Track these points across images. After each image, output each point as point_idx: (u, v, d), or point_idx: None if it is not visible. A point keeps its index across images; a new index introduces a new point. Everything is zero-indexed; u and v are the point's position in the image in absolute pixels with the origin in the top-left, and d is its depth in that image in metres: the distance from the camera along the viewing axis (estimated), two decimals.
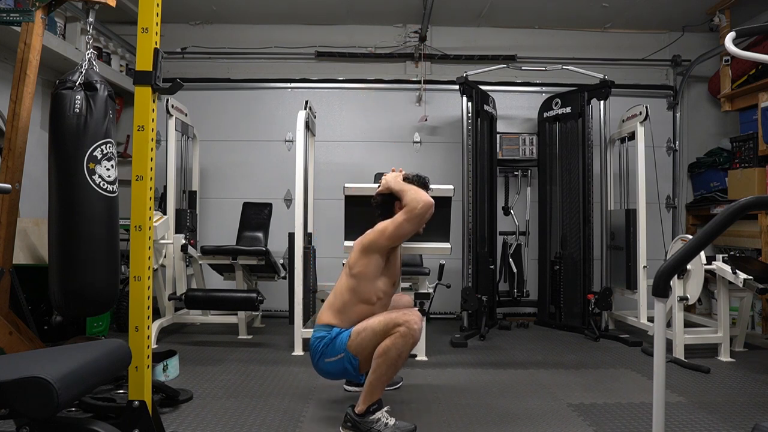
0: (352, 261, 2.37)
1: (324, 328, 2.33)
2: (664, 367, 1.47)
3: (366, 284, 2.33)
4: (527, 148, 4.87)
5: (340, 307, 2.34)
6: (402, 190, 2.41)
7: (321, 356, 2.29)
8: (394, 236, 2.33)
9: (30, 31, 2.48)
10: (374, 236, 2.34)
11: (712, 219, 1.45)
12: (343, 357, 2.25)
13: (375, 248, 2.33)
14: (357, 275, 2.33)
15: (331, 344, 2.27)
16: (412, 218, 2.32)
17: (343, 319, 2.32)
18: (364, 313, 2.32)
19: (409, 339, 2.17)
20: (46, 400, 1.25)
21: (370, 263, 2.33)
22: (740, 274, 3.29)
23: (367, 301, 2.33)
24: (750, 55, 1.77)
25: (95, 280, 2.15)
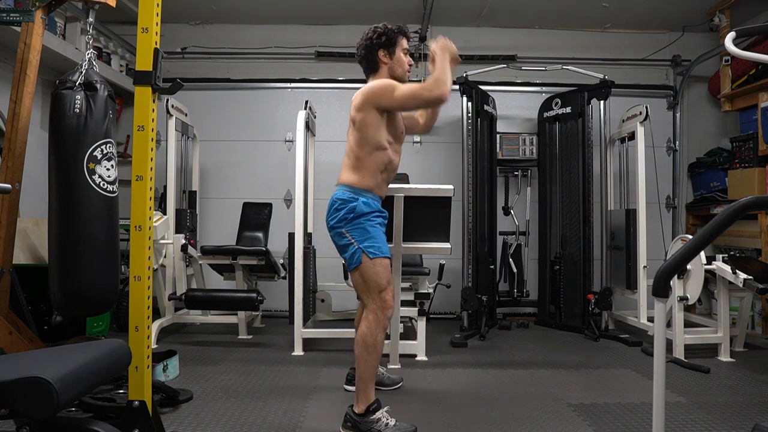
0: (353, 114, 2.35)
1: (347, 189, 2.32)
2: (664, 367, 1.47)
3: (372, 131, 2.30)
4: (527, 148, 4.87)
5: (354, 163, 2.34)
6: (443, 67, 2.29)
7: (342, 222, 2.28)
8: (398, 102, 2.29)
9: (30, 31, 2.48)
10: (379, 91, 2.29)
11: (712, 219, 1.45)
12: (357, 249, 2.25)
13: (374, 103, 2.29)
14: (360, 126, 2.31)
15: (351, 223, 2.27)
16: (424, 97, 2.27)
17: (363, 174, 2.32)
18: (379, 159, 2.32)
19: (380, 323, 2.25)
20: (46, 400, 1.24)
21: (369, 115, 2.30)
22: (740, 274, 3.29)
23: (378, 146, 2.32)
24: (750, 55, 1.77)
25: (95, 280, 2.15)
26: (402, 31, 2.47)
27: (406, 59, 2.47)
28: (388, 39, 2.42)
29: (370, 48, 2.43)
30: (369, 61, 2.45)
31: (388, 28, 2.44)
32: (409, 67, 2.49)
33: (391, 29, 2.44)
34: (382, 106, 2.30)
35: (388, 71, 2.43)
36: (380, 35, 2.42)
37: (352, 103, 2.37)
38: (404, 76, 2.47)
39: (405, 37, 2.48)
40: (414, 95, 2.28)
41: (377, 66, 2.44)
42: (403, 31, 2.48)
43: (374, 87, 2.32)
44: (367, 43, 2.43)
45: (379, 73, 2.44)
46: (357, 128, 2.33)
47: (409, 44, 2.51)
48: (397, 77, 2.44)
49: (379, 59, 2.42)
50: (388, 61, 2.43)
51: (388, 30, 2.43)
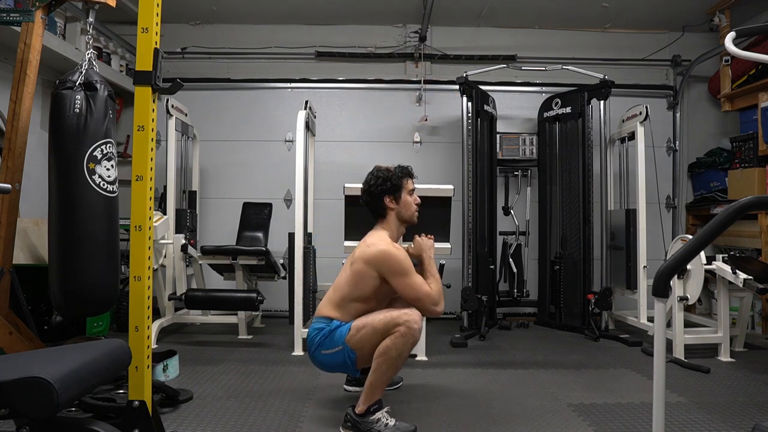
0: (358, 259, 2.34)
1: (323, 320, 2.33)
2: (664, 367, 1.47)
3: (365, 285, 2.31)
4: (527, 148, 4.87)
5: (338, 302, 2.34)
6: (432, 273, 2.38)
7: (318, 347, 2.28)
8: (399, 288, 2.29)
9: (30, 31, 2.48)
10: (391, 267, 2.28)
11: (712, 219, 1.45)
12: (341, 350, 2.24)
13: (380, 270, 2.29)
14: (357, 272, 2.32)
15: (330, 336, 2.27)
16: (426, 306, 2.29)
17: (343, 313, 2.32)
18: (363, 309, 2.32)
19: (409, 339, 2.17)
20: (46, 400, 1.25)
21: (371, 272, 2.30)
22: (740, 274, 3.29)
23: (366, 299, 2.33)
24: (750, 55, 1.77)
25: (95, 280, 2.15)
26: (406, 172, 2.46)
27: (413, 199, 2.46)
28: (392, 185, 2.41)
29: (375, 195, 2.42)
30: (375, 208, 2.44)
31: (391, 172, 2.43)
32: (417, 207, 2.47)
33: (394, 174, 2.42)
34: (384, 277, 2.29)
35: (396, 215, 2.43)
36: (384, 181, 2.40)
37: (361, 249, 2.35)
38: (412, 218, 2.47)
39: (410, 178, 2.47)
40: (418, 299, 2.28)
41: (384, 212, 2.43)
42: (407, 173, 2.47)
43: (389, 260, 2.28)
44: (371, 190, 2.42)
45: (388, 218, 2.44)
46: (353, 274, 2.33)
47: (413, 183, 2.49)
48: (405, 220, 2.45)
49: (385, 205, 2.41)
50: (395, 206, 2.42)
51: (392, 175, 2.42)
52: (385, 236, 2.39)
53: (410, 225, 2.49)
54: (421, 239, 2.52)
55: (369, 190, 2.43)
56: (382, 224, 2.45)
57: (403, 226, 2.48)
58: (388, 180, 2.41)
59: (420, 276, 2.35)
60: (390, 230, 2.43)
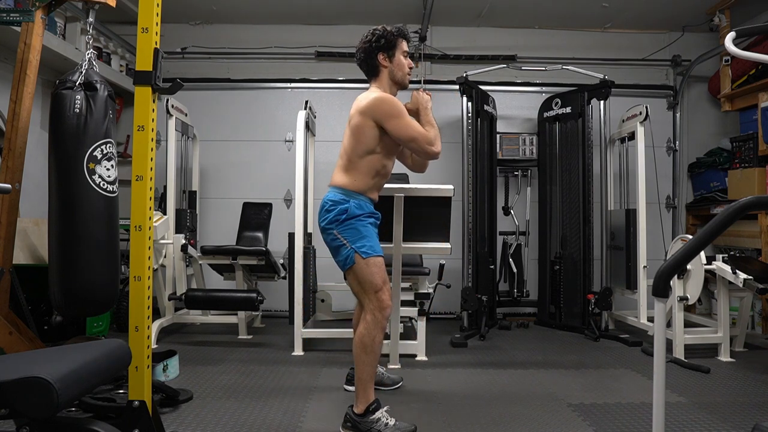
0: (353, 115, 2.34)
1: (339, 191, 2.32)
2: (664, 367, 1.47)
3: (367, 137, 2.30)
4: (527, 148, 4.87)
5: (347, 164, 2.34)
6: (429, 121, 2.38)
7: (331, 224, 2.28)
8: (394, 131, 2.28)
9: (30, 31, 2.48)
10: (384, 111, 2.28)
11: (712, 219, 1.45)
12: (349, 249, 2.25)
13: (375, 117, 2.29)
14: (356, 129, 2.31)
15: (343, 225, 2.26)
16: (422, 147, 2.31)
17: (355, 175, 2.32)
18: (371, 163, 2.32)
19: (378, 324, 2.25)
20: (46, 400, 1.24)
21: (368, 122, 2.29)
22: (740, 274, 3.29)
23: (371, 151, 2.32)
24: (750, 55, 1.77)
25: (95, 280, 2.15)
26: (401, 33, 2.45)
27: (407, 62, 2.46)
28: (387, 42, 2.40)
29: (369, 51, 2.41)
30: (369, 65, 2.43)
31: (387, 30, 2.42)
32: (410, 69, 2.47)
33: (390, 32, 2.42)
34: (380, 123, 2.29)
35: (389, 75, 2.42)
36: (379, 38, 2.40)
37: (355, 104, 2.36)
38: (404, 80, 2.46)
39: (405, 40, 2.46)
40: (413, 138, 2.29)
41: (377, 70, 2.42)
42: (403, 33, 2.46)
43: (382, 103, 2.30)
44: (366, 47, 2.41)
45: (380, 76, 2.43)
46: (352, 131, 2.33)
47: (409, 46, 2.49)
48: (397, 80, 2.44)
49: (378, 63, 2.41)
50: (388, 64, 2.42)
51: (387, 33, 2.41)
52: (377, 90, 2.39)
53: (402, 87, 2.47)
54: (418, 93, 2.50)
55: (364, 47, 2.42)
56: (375, 83, 2.44)
57: (395, 87, 2.46)
58: (383, 37, 2.40)
59: (414, 120, 2.35)
60: (382, 89, 2.42)
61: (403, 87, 2.47)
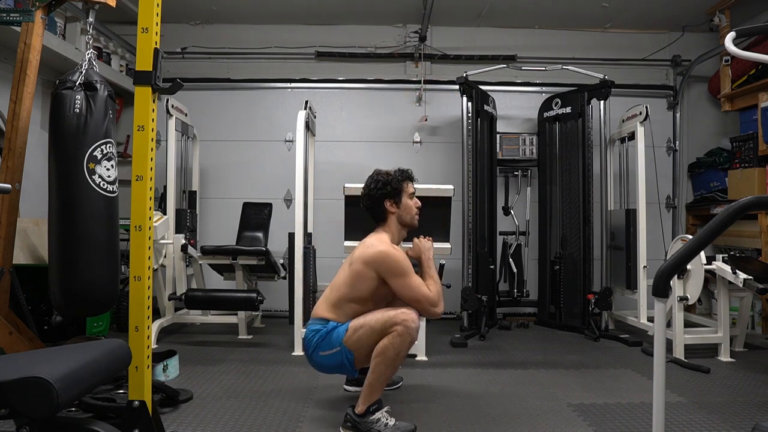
0: (356, 259, 2.33)
1: (319, 322, 2.33)
2: (664, 367, 1.47)
3: (362, 286, 2.31)
4: (527, 148, 4.87)
5: (335, 302, 2.34)
6: (432, 275, 2.38)
7: (315, 349, 2.29)
8: (397, 290, 2.29)
9: (30, 31, 2.48)
10: (390, 268, 2.27)
11: (712, 219, 1.45)
12: (338, 351, 2.24)
13: (379, 271, 2.28)
14: (355, 273, 2.31)
15: (327, 337, 2.27)
16: (424, 308, 2.29)
17: (339, 314, 2.32)
18: (359, 310, 2.31)
19: (406, 338, 2.17)
20: (46, 400, 1.25)
21: (369, 273, 2.29)
22: (740, 274, 3.29)
23: (363, 300, 2.32)
24: (750, 55, 1.77)
25: (95, 280, 2.15)
26: (406, 176, 2.45)
27: (413, 202, 2.46)
28: (393, 189, 2.39)
29: (375, 199, 2.41)
30: (376, 212, 2.43)
31: (391, 176, 2.41)
32: (418, 210, 2.47)
33: (394, 177, 2.41)
34: (383, 278, 2.29)
35: (397, 219, 2.43)
36: (384, 185, 2.39)
37: (361, 249, 2.34)
38: (413, 222, 2.46)
39: (410, 181, 2.46)
40: (417, 300, 2.27)
41: (385, 216, 2.42)
42: (408, 176, 2.46)
43: (388, 260, 2.27)
44: (371, 194, 2.41)
45: (388, 221, 2.43)
46: (352, 275, 2.32)
47: (413, 186, 2.48)
48: (405, 224, 2.45)
49: (386, 209, 2.41)
50: (395, 210, 2.41)
51: (392, 179, 2.41)
52: (386, 238, 2.39)
53: (411, 229, 2.49)
54: (419, 241, 2.52)
55: (369, 194, 2.42)
56: (383, 228, 2.45)
57: (404, 230, 2.48)
58: (388, 184, 2.40)
59: (419, 277, 2.35)
60: (391, 233, 2.43)
61: (412, 228, 2.48)
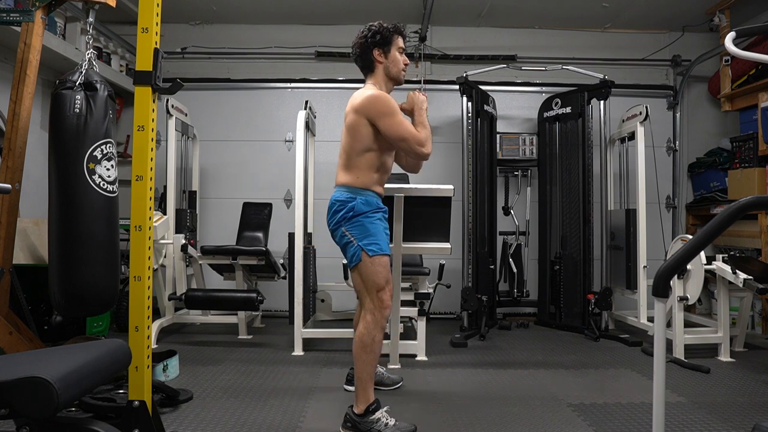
0: (348, 114, 2.34)
1: (343, 190, 2.33)
2: (664, 367, 1.47)
3: (362, 136, 2.30)
4: (527, 148, 4.87)
5: (347, 162, 2.35)
6: (422, 122, 2.37)
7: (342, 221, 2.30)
8: (385, 130, 2.27)
9: (30, 31, 2.47)
10: (378, 109, 2.26)
11: (712, 219, 1.45)
12: (357, 246, 2.26)
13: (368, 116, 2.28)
14: (351, 128, 2.32)
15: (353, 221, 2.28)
16: (412, 148, 2.29)
17: (356, 173, 2.32)
18: (371, 160, 2.32)
19: (378, 323, 2.26)
20: (46, 400, 1.24)
21: (362, 121, 2.29)
22: (740, 274, 3.29)
23: (368, 148, 2.32)
24: (750, 55, 1.77)
25: (95, 280, 2.15)
26: (397, 29, 2.45)
27: (402, 58, 2.45)
28: (382, 37, 2.40)
29: (364, 47, 2.41)
30: (364, 60, 2.43)
31: (383, 26, 2.42)
32: (405, 66, 2.47)
33: (386, 27, 2.42)
34: (372, 121, 2.29)
35: (384, 70, 2.42)
36: (375, 33, 2.40)
37: (350, 102, 2.36)
38: (399, 76, 2.45)
39: (401, 36, 2.46)
40: (403, 138, 2.28)
41: (373, 65, 2.42)
42: (399, 30, 2.46)
43: (375, 101, 2.29)
44: (361, 42, 2.42)
45: (375, 72, 2.43)
46: (348, 129, 2.34)
47: (405, 42, 2.49)
48: (392, 76, 2.44)
49: (374, 58, 2.41)
50: (383, 60, 2.41)
51: (383, 28, 2.41)
52: (372, 88, 2.39)
53: (397, 83, 2.47)
54: (414, 94, 2.50)
55: (359, 42, 2.43)
56: (371, 79, 2.43)
57: (391, 83, 2.46)
58: (379, 33, 2.40)
59: (408, 120, 2.35)
60: (378, 85, 2.42)
61: (399, 83, 2.47)
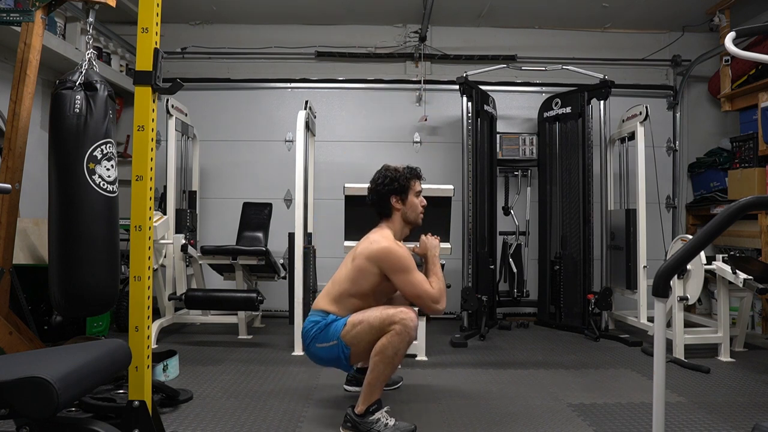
0: (359, 254, 2.34)
1: (319, 314, 2.34)
2: (664, 367, 1.47)
3: (365, 281, 2.32)
4: (527, 148, 4.87)
5: (336, 296, 2.34)
6: (436, 273, 2.38)
7: (313, 340, 2.30)
8: (399, 286, 2.29)
9: (30, 31, 2.48)
10: (393, 264, 2.27)
11: (712, 219, 1.45)
12: (335, 345, 2.25)
13: (381, 267, 2.29)
14: (358, 268, 2.32)
15: (325, 330, 2.28)
16: (426, 304, 2.28)
17: (340, 308, 2.32)
18: (360, 305, 2.32)
19: (405, 337, 2.17)
20: (46, 400, 1.25)
21: (372, 268, 2.29)
22: (740, 274, 3.29)
23: (364, 296, 2.33)
24: (750, 55, 1.77)
25: (95, 280, 2.15)
26: (414, 173, 2.45)
27: (419, 200, 2.46)
28: (400, 186, 2.39)
29: (381, 195, 2.40)
30: (381, 207, 2.43)
31: (399, 173, 2.41)
32: (422, 208, 2.46)
33: (402, 174, 2.41)
34: (386, 274, 2.29)
35: (401, 216, 2.43)
36: (392, 181, 2.39)
37: (364, 245, 2.34)
38: (417, 220, 2.46)
39: (417, 180, 2.46)
40: (419, 296, 2.27)
41: (390, 212, 2.42)
42: (416, 174, 2.46)
43: (391, 256, 2.27)
44: (378, 189, 2.41)
45: (393, 218, 2.43)
46: (354, 270, 2.33)
47: (420, 185, 2.48)
48: (410, 221, 2.45)
49: (391, 205, 2.41)
50: (401, 207, 2.42)
51: (400, 175, 2.40)
52: (389, 234, 2.39)
53: (415, 227, 2.49)
54: (427, 238, 2.53)
55: (376, 189, 2.43)
56: (387, 223, 2.45)
57: (408, 227, 2.48)
58: (396, 180, 2.40)
59: (421, 274, 2.35)
60: (394, 230, 2.43)
61: (417, 226, 2.48)
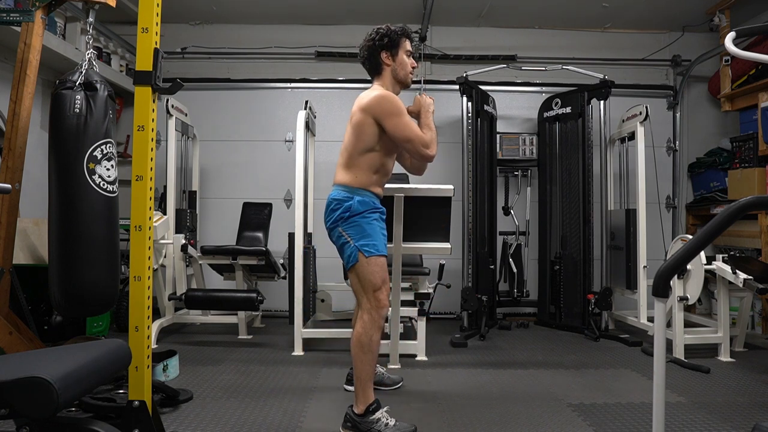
0: (355, 112, 2.34)
1: (341, 189, 2.34)
2: (664, 367, 1.47)
3: (367, 135, 2.31)
4: (527, 148, 4.87)
5: (347, 161, 2.35)
6: (428, 124, 2.38)
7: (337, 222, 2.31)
8: (392, 131, 2.28)
9: (30, 31, 2.47)
10: (385, 109, 2.27)
11: (712, 219, 1.45)
12: (350, 244, 2.27)
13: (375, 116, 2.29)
14: (357, 126, 2.32)
15: (349, 222, 2.28)
16: (417, 149, 2.30)
17: (356, 172, 2.33)
18: (371, 161, 2.33)
19: (375, 323, 2.26)
20: (46, 400, 1.25)
21: (368, 120, 2.30)
22: (740, 274, 3.29)
23: (371, 149, 2.32)
24: (750, 55, 1.77)
25: (95, 280, 2.15)
26: (405, 32, 2.45)
27: (410, 61, 2.45)
28: (390, 40, 2.40)
29: (372, 49, 2.41)
30: (372, 63, 2.44)
31: (391, 29, 2.42)
32: (412, 69, 2.47)
33: (393, 30, 2.42)
34: (379, 121, 2.29)
35: (391, 73, 2.42)
36: (382, 36, 2.40)
37: (357, 101, 2.37)
38: (407, 79, 2.46)
39: (408, 39, 2.46)
40: (409, 139, 2.29)
41: (380, 68, 2.42)
42: (406, 33, 2.46)
43: (382, 101, 2.30)
44: (369, 45, 2.42)
45: (383, 75, 2.43)
46: (353, 128, 2.34)
47: (412, 45, 2.49)
48: (399, 79, 2.44)
49: (381, 61, 2.41)
50: (391, 63, 2.42)
51: (391, 31, 2.42)
52: (380, 89, 2.40)
53: (405, 86, 2.47)
54: (421, 97, 2.51)
55: (367, 45, 2.43)
56: (378, 82, 2.44)
57: (398, 86, 2.46)
58: (387, 35, 2.40)
59: (414, 121, 2.36)
60: (385, 87, 2.42)
61: (406, 86, 2.48)
